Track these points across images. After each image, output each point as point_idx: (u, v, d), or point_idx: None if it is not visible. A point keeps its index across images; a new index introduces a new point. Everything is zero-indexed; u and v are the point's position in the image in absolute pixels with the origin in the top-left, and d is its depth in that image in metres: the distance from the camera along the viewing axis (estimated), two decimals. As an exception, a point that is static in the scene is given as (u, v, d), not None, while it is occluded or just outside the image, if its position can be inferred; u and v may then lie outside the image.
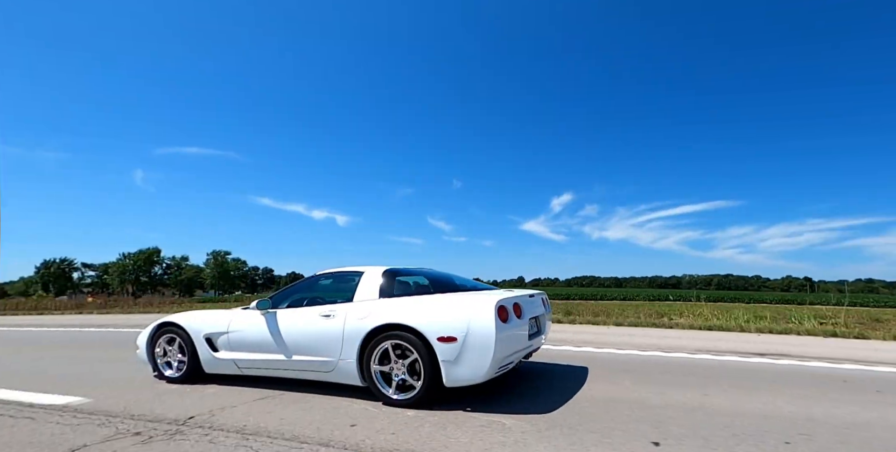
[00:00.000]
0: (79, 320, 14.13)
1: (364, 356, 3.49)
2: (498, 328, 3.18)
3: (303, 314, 3.86)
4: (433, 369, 3.24)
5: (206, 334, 4.24)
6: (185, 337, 4.35)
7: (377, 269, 3.99)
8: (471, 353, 3.17)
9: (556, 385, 4.00)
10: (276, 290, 4.45)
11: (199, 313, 4.51)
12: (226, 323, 4.19)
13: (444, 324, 3.25)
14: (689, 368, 4.87)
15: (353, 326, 3.54)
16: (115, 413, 3.27)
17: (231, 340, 4.12)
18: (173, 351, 4.47)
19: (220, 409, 3.34)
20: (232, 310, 4.40)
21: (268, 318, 3.99)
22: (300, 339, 3.77)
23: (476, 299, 3.39)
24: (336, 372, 3.63)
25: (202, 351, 4.25)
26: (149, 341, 4.55)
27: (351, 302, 3.75)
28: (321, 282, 4.32)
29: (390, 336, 3.40)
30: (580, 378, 4.27)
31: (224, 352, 4.17)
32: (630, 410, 3.21)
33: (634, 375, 4.47)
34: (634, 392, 3.78)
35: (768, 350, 6.09)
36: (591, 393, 3.71)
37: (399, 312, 3.44)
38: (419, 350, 3.28)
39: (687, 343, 6.86)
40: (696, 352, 5.89)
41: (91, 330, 10.32)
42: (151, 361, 4.55)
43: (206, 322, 4.31)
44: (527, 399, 3.54)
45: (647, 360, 5.38)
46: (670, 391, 3.80)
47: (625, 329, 9.28)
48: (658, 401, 3.46)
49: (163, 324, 4.53)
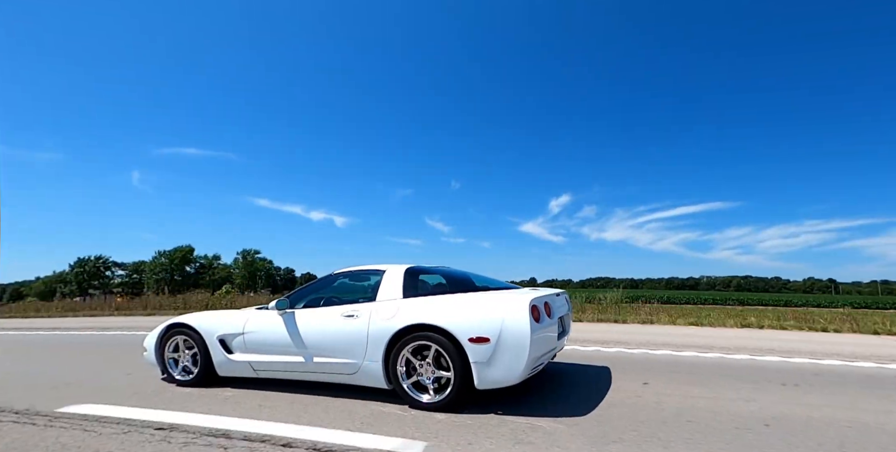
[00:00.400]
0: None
1: (390, 357, 3.37)
2: (532, 328, 3.08)
3: (324, 314, 3.73)
4: (464, 371, 3.13)
5: (220, 335, 4.10)
6: (197, 339, 4.21)
7: (399, 267, 3.87)
8: (504, 354, 3.06)
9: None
10: (292, 291, 4.31)
11: (212, 313, 4.36)
12: (241, 324, 4.04)
13: (475, 325, 3.14)
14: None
15: (379, 327, 3.42)
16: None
17: (247, 342, 3.98)
18: (184, 353, 4.32)
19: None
20: (247, 311, 4.26)
21: (286, 319, 3.85)
22: (322, 340, 3.64)
23: (508, 298, 3.28)
24: (360, 375, 3.51)
25: (216, 353, 4.10)
26: (157, 343, 4.40)
27: (374, 302, 3.63)
28: (339, 281, 4.20)
29: (418, 337, 3.28)
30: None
31: (239, 354, 4.03)
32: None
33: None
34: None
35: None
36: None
37: (427, 312, 3.32)
38: (449, 351, 3.17)
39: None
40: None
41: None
42: (161, 364, 4.39)
43: (219, 323, 4.17)
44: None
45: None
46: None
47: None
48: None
49: (173, 326, 4.37)
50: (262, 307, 4.33)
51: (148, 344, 4.51)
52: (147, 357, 4.51)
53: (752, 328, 8.80)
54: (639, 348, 6.10)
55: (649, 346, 6.24)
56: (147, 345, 4.52)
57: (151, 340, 4.46)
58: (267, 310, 4.06)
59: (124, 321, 13.29)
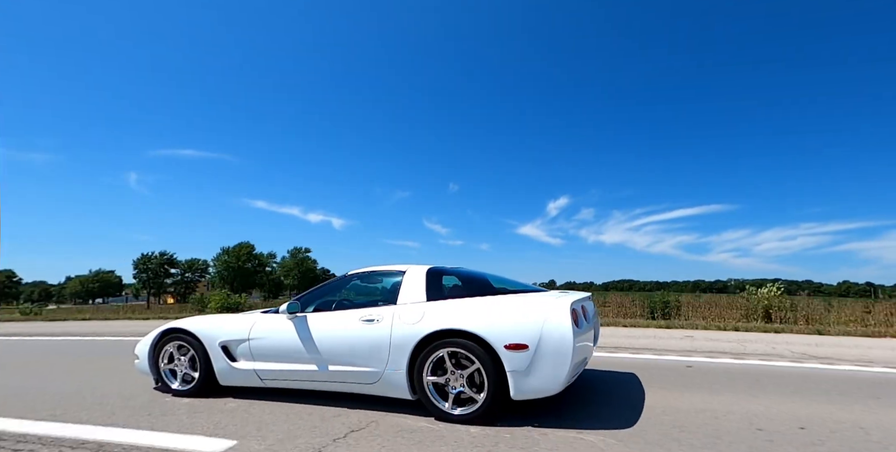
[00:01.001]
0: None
1: (415, 365, 3.12)
2: (574, 333, 2.87)
3: (340, 318, 3.46)
4: (499, 380, 2.90)
5: (223, 341, 3.78)
6: (196, 346, 3.88)
7: (420, 268, 3.63)
8: (544, 362, 2.84)
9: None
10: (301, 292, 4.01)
11: (213, 318, 4.04)
12: (246, 330, 3.74)
13: (512, 330, 2.92)
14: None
15: (403, 332, 3.17)
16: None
17: (253, 348, 3.67)
18: (182, 361, 3.98)
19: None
20: (252, 314, 3.95)
21: (297, 323, 3.56)
22: (339, 347, 3.36)
23: (545, 301, 3.07)
24: (381, 384, 3.24)
25: (217, 360, 3.78)
26: (151, 350, 4.06)
27: (395, 305, 3.37)
28: (353, 283, 3.92)
29: (447, 343, 3.04)
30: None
31: (244, 362, 3.72)
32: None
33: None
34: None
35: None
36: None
37: (456, 316, 3.08)
38: (482, 359, 2.93)
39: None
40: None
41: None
42: (154, 372, 4.05)
43: (222, 328, 3.85)
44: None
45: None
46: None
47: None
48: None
49: (169, 331, 4.04)
50: (268, 310, 4.02)
51: (140, 351, 4.17)
52: (139, 365, 4.17)
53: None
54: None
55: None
56: (139, 353, 4.17)
57: (144, 347, 4.12)
58: (275, 314, 3.76)
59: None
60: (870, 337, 7.67)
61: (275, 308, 4.01)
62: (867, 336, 7.85)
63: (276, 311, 3.83)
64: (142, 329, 10.09)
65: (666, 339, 7.43)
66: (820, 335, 7.95)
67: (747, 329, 8.80)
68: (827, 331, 8.19)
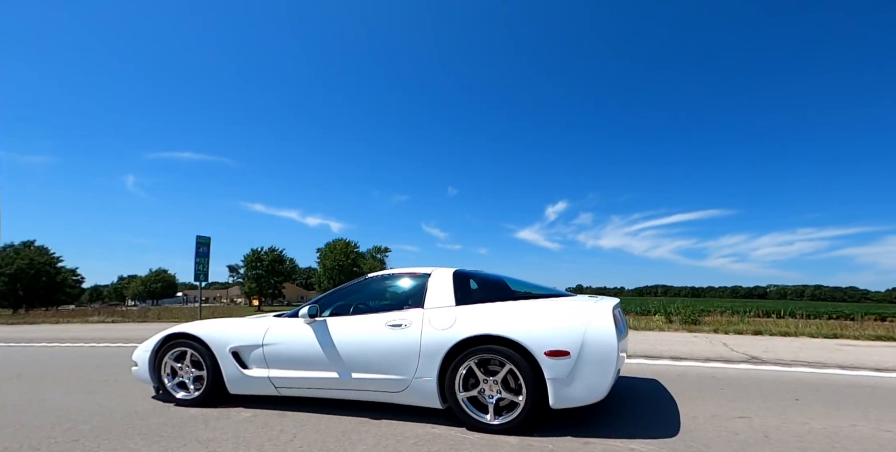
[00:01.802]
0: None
1: (447, 373, 2.97)
2: (618, 338, 2.77)
3: (364, 323, 3.29)
4: (537, 388, 2.77)
5: (234, 347, 3.57)
6: (203, 352, 3.65)
7: (446, 270, 3.48)
8: (587, 369, 2.73)
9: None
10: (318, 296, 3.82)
11: (222, 322, 3.81)
12: (259, 335, 3.53)
13: (552, 336, 2.80)
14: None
15: (434, 338, 3.02)
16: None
17: (268, 355, 3.47)
18: (186, 367, 3.74)
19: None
20: (265, 319, 3.74)
21: (317, 328, 3.38)
22: (363, 354, 3.19)
23: (585, 306, 2.97)
24: (408, 393, 3.08)
25: (228, 367, 3.56)
26: (152, 356, 3.81)
27: (422, 309, 3.22)
28: (374, 286, 3.75)
29: (482, 349, 2.90)
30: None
31: (257, 369, 3.51)
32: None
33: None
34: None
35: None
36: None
37: (492, 321, 2.95)
38: (520, 366, 2.80)
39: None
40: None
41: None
42: (156, 380, 3.80)
43: (232, 333, 3.63)
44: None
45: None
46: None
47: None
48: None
49: (172, 336, 3.79)
50: (282, 314, 3.82)
51: (139, 357, 3.91)
52: (137, 372, 3.91)
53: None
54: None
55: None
56: (138, 359, 3.91)
57: (144, 353, 3.87)
58: (291, 319, 3.56)
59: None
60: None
61: (288, 311, 3.81)
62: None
63: (291, 315, 3.63)
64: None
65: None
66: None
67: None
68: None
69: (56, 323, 15.16)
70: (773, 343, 7.43)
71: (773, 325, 9.72)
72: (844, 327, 9.83)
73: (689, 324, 10.60)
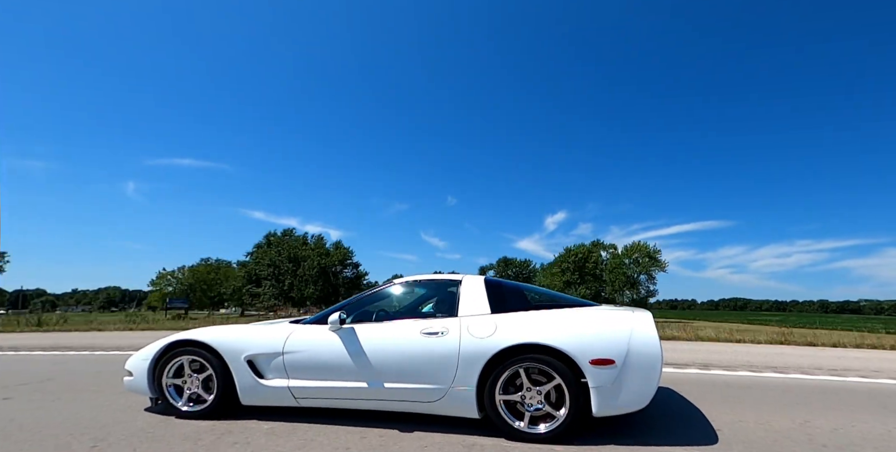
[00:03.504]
0: None
1: (487, 382, 2.93)
2: (661, 347, 2.83)
3: (397, 330, 3.19)
4: (580, 396, 2.78)
5: (249, 355, 3.36)
6: (213, 361, 3.42)
7: (478, 278, 3.46)
8: (632, 377, 2.77)
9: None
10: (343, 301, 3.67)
11: (235, 328, 3.59)
12: (279, 342, 3.35)
13: (597, 344, 2.82)
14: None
15: (474, 346, 2.97)
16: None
17: (289, 363, 3.29)
18: (193, 377, 3.49)
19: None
20: (283, 325, 3.55)
21: (344, 336, 3.24)
22: (397, 362, 3.09)
23: (626, 314, 3.02)
24: (444, 402, 3.01)
25: (242, 377, 3.35)
26: (152, 365, 3.53)
27: (457, 317, 3.17)
28: (400, 292, 3.66)
29: (525, 358, 2.89)
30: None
31: (276, 379, 3.32)
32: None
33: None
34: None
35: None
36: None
37: (534, 330, 2.94)
38: (563, 375, 2.81)
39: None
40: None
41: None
42: (155, 391, 3.52)
43: (248, 340, 3.42)
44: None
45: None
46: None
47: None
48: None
49: (178, 344, 3.53)
50: (299, 320, 3.65)
51: (134, 366, 3.61)
52: (131, 382, 3.60)
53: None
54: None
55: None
56: (133, 368, 3.61)
57: (142, 362, 3.57)
58: (313, 325, 3.41)
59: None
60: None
61: (305, 318, 3.65)
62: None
63: (313, 321, 3.48)
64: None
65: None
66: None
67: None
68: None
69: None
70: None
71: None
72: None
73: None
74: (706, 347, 8.73)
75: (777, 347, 8.85)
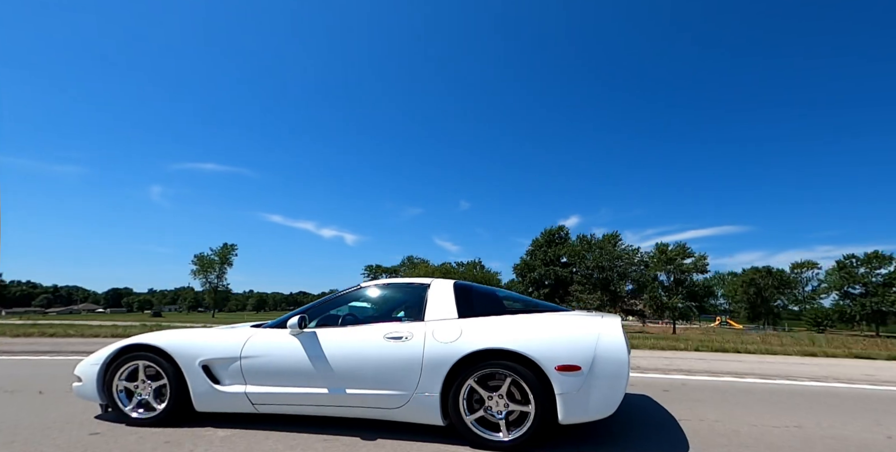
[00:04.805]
0: None
1: (451, 388, 2.85)
2: (629, 353, 2.80)
3: (359, 335, 3.08)
4: (546, 403, 2.73)
5: (205, 360, 3.21)
6: (165, 366, 3.25)
7: (446, 282, 3.38)
8: (599, 384, 2.73)
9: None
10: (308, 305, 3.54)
11: (190, 332, 3.43)
12: (237, 347, 3.20)
13: (563, 351, 2.77)
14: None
15: (438, 352, 2.89)
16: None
17: (246, 369, 3.15)
18: (145, 383, 3.31)
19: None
20: (241, 329, 3.41)
21: (305, 340, 3.12)
22: (360, 368, 2.98)
23: (594, 320, 2.98)
24: (408, 409, 2.92)
25: (197, 383, 3.19)
26: (101, 370, 3.34)
27: (423, 322, 3.08)
28: (366, 296, 3.55)
29: (490, 364, 2.82)
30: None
31: (233, 385, 3.17)
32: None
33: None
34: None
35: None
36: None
37: (499, 335, 2.87)
38: (529, 381, 2.75)
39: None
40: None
41: None
42: (104, 397, 3.33)
43: (203, 344, 3.26)
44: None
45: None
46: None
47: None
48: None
49: (129, 348, 3.35)
50: (260, 324, 3.51)
51: (84, 372, 3.41)
52: (80, 388, 3.41)
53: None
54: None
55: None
56: (82, 374, 3.41)
57: (92, 367, 3.38)
58: (273, 329, 3.28)
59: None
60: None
61: (267, 322, 3.51)
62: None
63: (273, 326, 3.34)
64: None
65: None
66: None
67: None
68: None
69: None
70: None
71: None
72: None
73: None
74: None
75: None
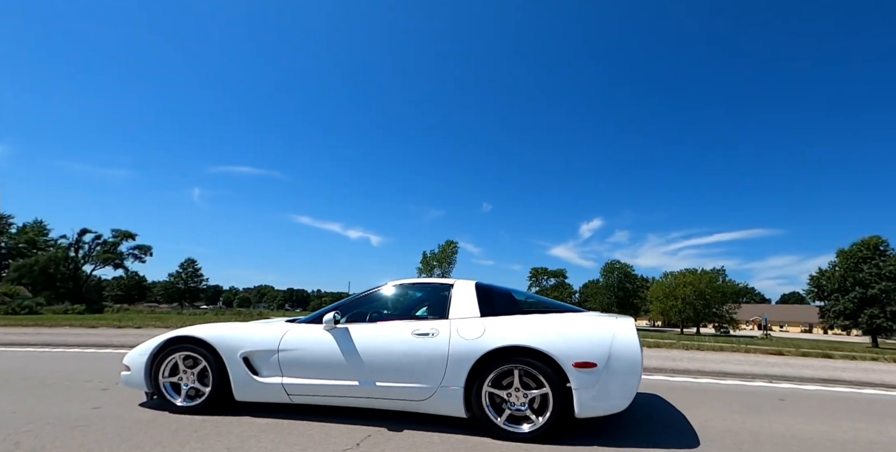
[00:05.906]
0: None
1: (474, 382, 3.04)
2: (642, 351, 2.96)
3: (389, 331, 3.30)
4: (563, 398, 2.90)
5: (245, 353, 3.46)
6: (208, 357, 3.51)
7: (469, 282, 3.58)
8: (613, 380, 2.89)
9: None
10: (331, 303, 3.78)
11: (232, 326, 3.69)
12: (275, 340, 3.45)
13: (580, 348, 2.95)
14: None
15: (463, 347, 3.09)
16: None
17: (283, 361, 3.39)
18: (189, 373, 3.58)
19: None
20: (278, 323, 3.66)
21: (339, 335, 3.35)
22: (389, 362, 3.20)
23: (609, 320, 3.15)
24: (433, 401, 3.11)
25: (237, 373, 3.44)
26: (149, 360, 3.62)
27: (448, 320, 3.29)
28: (394, 294, 3.78)
29: (510, 360, 3.01)
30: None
31: (271, 376, 3.41)
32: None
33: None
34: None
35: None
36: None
37: (520, 333, 3.06)
38: (548, 376, 2.92)
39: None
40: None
41: None
42: (151, 386, 3.60)
43: (244, 338, 3.52)
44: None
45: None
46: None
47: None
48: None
49: (175, 340, 3.62)
50: (294, 319, 3.75)
51: (132, 361, 3.69)
52: (128, 377, 3.68)
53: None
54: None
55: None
56: (131, 363, 3.69)
57: (140, 357, 3.65)
58: (309, 324, 3.52)
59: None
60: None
61: (300, 317, 3.75)
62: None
63: (308, 321, 3.58)
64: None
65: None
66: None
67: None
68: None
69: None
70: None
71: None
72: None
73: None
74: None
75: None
